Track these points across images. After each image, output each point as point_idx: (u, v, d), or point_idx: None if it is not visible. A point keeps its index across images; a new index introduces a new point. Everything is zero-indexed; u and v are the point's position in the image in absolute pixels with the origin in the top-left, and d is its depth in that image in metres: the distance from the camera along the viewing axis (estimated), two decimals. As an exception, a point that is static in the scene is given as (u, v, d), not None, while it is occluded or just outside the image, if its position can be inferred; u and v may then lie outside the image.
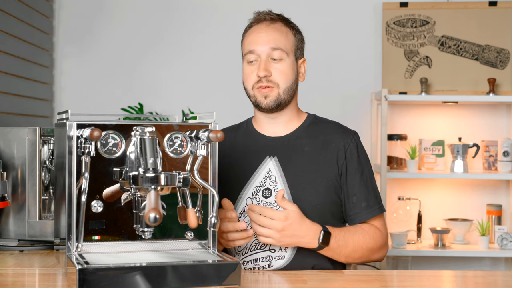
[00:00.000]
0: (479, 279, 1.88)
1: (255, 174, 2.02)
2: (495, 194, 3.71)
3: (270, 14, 2.04)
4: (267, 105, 1.99)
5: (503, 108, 3.72)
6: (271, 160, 2.02)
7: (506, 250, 3.45)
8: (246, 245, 1.98)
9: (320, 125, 2.09)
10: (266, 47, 1.98)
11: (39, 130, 2.17)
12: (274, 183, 1.99)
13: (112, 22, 3.80)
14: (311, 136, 2.04)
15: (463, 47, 3.67)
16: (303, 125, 2.07)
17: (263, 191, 1.99)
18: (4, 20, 3.06)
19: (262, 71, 1.97)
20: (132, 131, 1.65)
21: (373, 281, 1.78)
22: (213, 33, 3.78)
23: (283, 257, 1.95)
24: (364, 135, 3.67)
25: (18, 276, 1.77)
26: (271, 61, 1.98)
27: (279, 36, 2.00)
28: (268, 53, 1.98)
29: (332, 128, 2.07)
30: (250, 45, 2.01)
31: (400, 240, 3.49)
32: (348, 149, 2.01)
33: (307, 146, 2.02)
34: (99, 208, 1.64)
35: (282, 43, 1.99)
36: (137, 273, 1.48)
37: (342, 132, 2.06)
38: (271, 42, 1.98)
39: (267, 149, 2.04)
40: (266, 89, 1.98)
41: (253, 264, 1.97)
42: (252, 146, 2.07)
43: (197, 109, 3.66)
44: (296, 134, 2.05)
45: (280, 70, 1.98)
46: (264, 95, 1.99)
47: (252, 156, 2.04)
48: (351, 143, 2.03)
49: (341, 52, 3.74)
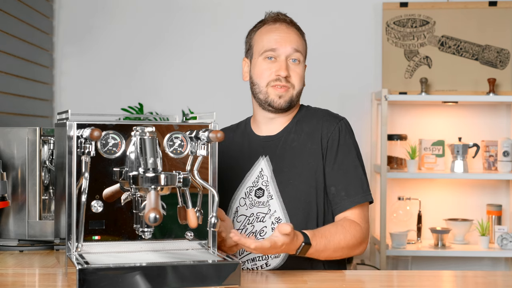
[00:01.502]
0: (479, 279, 1.88)
1: (248, 175, 2.03)
2: (495, 194, 3.71)
3: (288, 17, 2.07)
4: (280, 105, 2.00)
5: (503, 108, 3.72)
6: (263, 160, 2.03)
7: (506, 250, 3.45)
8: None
9: (308, 116, 2.06)
10: (288, 48, 2.00)
11: (39, 130, 2.17)
12: (266, 183, 2.00)
13: (112, 22, 3.80)
14: (298, 130, 2.04)
15: (463, 47, 3.67)
16: (293, 121, 2.07)
17: (255, 191, 2.01)
18: (4, 20, 3.06)
19: (284, 71, 1.98)
20: (132, 131, 1.65)
21: (373, 281, 1.78)
22: (213, 33, 3.78)
23: (279, 256, 1.95)
24: (364, 135, 3.67)
25: (18, 276, 1.77)
26: (290, 62, 2.01)
27: (297, 39, 2.04)
28: (289, 54, 2.00)
29: (318, 117, 2.04)
30: (270, 43, 2.01)
31: (400, 240, 3.49)
32: (330, 136, 1.98)
33: (295, 141, 2.02)
34: (99, 208, 1.64)
35: (300, 46, 2.03)
36: (137, 273, 1.48)
37: (327, 120, 2.02)
38: (293, 43, 2.01)
39: (260, 149, 2.05)
40: (282, 89, 1.99)
41: (251, 263, 1.97)
42: (247, 147, 2.08)
43: (197, 109, 3.66)
44: (286, 131, 2.05)
45: (297, 72, 2.01)
46: (279, 94, 1.99)
47: (246, 156, 2.06)
48: (334, 130, 1.99)
49: (341, 52, 3.74)
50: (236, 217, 2.01)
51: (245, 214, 2.00)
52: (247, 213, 2.00)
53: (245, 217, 2.00)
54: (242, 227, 1.99)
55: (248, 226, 1.99)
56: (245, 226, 1.99)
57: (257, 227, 1.98)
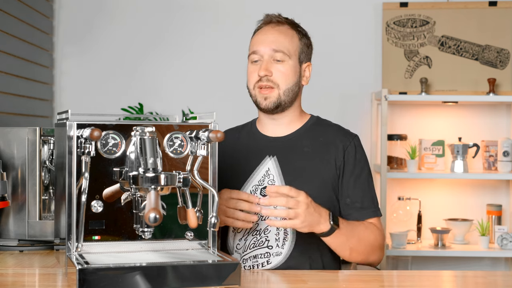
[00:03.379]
0: (479, 279, 1.88)
1: (254, 173, 2.04)
2: (495, 194, 3.71)
3: (278, 17, 2.08)
4: (266, 106, 2.02)
5: (503, 108, 3.72)
6: (271, 160, 2.04)
7: (506, 250, 3.45)
8: (245, 243, 2.00)
9: (322, 127, 2.11)
10: (268, 48, 2.02)
11: (39, 130, 2.16)
12: (272, 182, 2.01)
13: (112, 22, 3.80)
14: (312, 137, 2.07)
15: (463, 47, 3.67)
16: (305, 126, 2.10)
17: (261, 190, 2.01)
18: (4, 20, 3.06)
19: (263, 71, 2.00)
20: (132, 131, 1.65)
21: (373, 281, 1.78)
22: (213, 33, 3.78)
23: (281, 253, 1.96)
24: (364, 135, 3.67)
25: (18, 276, 1.77)
26: (273, 62, 2.02)
27: (283, 38, 2.03)
28: (270, 54, 2.01)
29: (333, 131, 2.10)
30: (254, 46, 2.06)
31: (400, 240, 3.49)
32: (346, 151, 2.04)
33: (307, 147, 2.05)
34: (99, 208, 1.64)
35: (285, 45, 2.02)
36: (137, 273, 1.48)
37: (342, 135, 2.08)
38: (273, 43, 2.02)
39: (267, 149, 2.06)
40: (266, 90, 2.01)
41: (252, 261, 1.98)
42: (253, 146, 2.09)
43: (197, 109, 3.66)
44: (297, 135, 2.08)
45: (281, 71, 2.01)
46: (264, 96, 2.02)
47: (252, 155, 2.06)
48: (350, 145, 2.05)
49: (341, 52, 3.74)
50: None
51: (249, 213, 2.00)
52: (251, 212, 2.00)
53: None
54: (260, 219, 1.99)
55: None
56: None
57: (262, 225, 1.99)
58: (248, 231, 2.00)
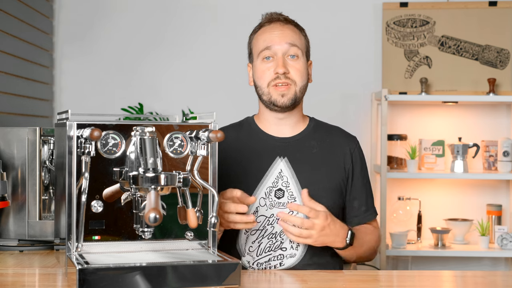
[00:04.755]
0: (479, 279, 1.88)
1: (266, 175, 2.01)
2: (495, 194, 3.71)
3: (283, 15, 2.08)
4: (284, 103, 2.00)
5: (503, 108, 3.72)
6: (282, 161, 2.02)
7: (506, 250, 3.45)
8: (259, 246, 1.98)
9: (324, 128, 2.14)
10: (283, 44, 2.00)
11: (39, 130, 2.16)
12: (287, 184, 2.00)
13: (112, 22, 3.80)
14: (318, 138, 2.08)
15: (463, 47, 3.67)
16: (309, 127, 2.11)
17: (275, 192, 2.00)
18: (4, 20, 3.06)
19: (281, 68, 1.98)
20: (132, 131, 1.65)
21: (373, 281, 1.78)
22: (213, 33, 3.78)
23: (295, 255, 1.97)
24: (364, 135, 3.67)
25: (18, 276, 1.77)
26: (288, 58, 2.01)
27: (294, 34, 2.03)
28: (285, 51, 2.00)
29: (336, 132, 2.13)
30: (265, 42, 2.02)
31: (400, 240, 3.49)
32: (353, 153, 2.08)
33: (315, 148, 2.06)
34: (99, 208, 1.64)
35: (298, 41, 2.03)
36: (137, 273, 1.48)
37: (346, 137, 2.12)
38: (288, 38, 2.01)
39: (277, 149, 2.04)
40: (283, 87, 1.99)
41: (265, 264, 1.98)
42: (259, 146, 2.06)
43: (197, 109, 3.66)
44: (304, 136, 2.08)
45: (296, 67, 2.01)
46: (282, 93, 2.00)
47: (261, 156, 2.04)
48: (356, 148, 2.10)
49: (341, 52, 3.74)
50: (256, 218, 1.97)
51: (265, 215, 1.98)
52: (267, 214, 1.98)
53: (265, 218, 1.98)
54: (262, 228, 1.98)
55: (268, 227, 1.98)
56: (264, 227, 1.98)
57: (277, 228, 1.97)
58: (263, 234, 1.98)
